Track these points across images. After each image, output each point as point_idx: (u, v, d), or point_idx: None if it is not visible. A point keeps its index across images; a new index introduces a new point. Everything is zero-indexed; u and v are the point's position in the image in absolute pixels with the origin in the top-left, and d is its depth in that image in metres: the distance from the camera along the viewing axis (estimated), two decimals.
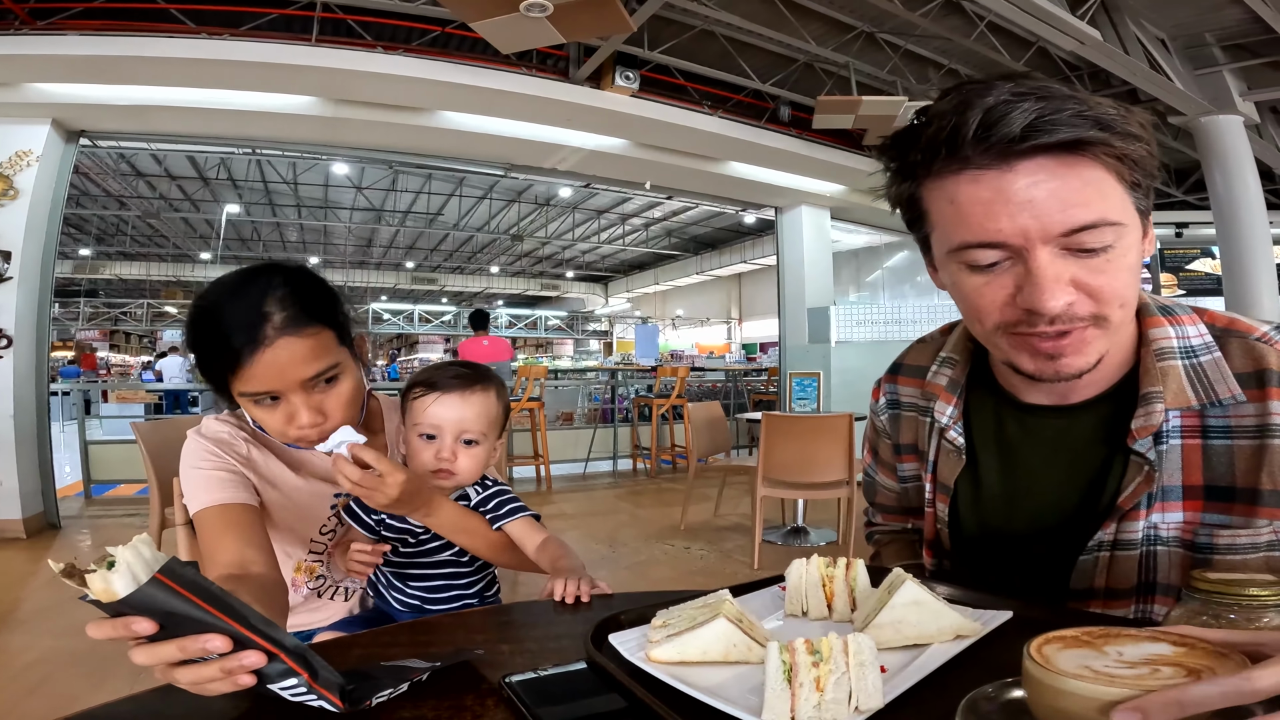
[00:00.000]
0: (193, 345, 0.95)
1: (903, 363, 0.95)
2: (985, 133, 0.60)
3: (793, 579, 0.73)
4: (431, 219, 13.35)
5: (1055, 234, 0.61)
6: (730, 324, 19.33)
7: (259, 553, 0.92)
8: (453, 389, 1.02)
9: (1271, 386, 0.66)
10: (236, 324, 0.90)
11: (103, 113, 4.49)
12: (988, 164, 0.62)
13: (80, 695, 2.18)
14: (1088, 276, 0.63)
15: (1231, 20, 4.49)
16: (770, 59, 5.27)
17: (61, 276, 12.49)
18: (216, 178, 10.61)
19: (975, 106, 0.61)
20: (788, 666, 0.49)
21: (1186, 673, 0.42)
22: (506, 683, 0.57)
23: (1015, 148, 0.60)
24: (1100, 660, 0.44)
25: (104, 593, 0.48)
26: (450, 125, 4.98)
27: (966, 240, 0.65)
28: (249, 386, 0.92)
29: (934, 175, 0.66)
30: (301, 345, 0.92)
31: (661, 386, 7.57)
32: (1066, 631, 0.47)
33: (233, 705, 0.57)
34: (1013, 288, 0.64)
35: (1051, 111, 0.59)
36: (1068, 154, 0.60)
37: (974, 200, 0.63)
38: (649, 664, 0.58)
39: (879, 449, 1.00)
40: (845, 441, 3.50)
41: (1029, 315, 0.64)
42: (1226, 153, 4.99)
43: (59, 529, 4.47)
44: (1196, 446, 0.69)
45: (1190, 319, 0.73)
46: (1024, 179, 0.61)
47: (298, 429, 0.95)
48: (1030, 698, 0.44)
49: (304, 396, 0.94)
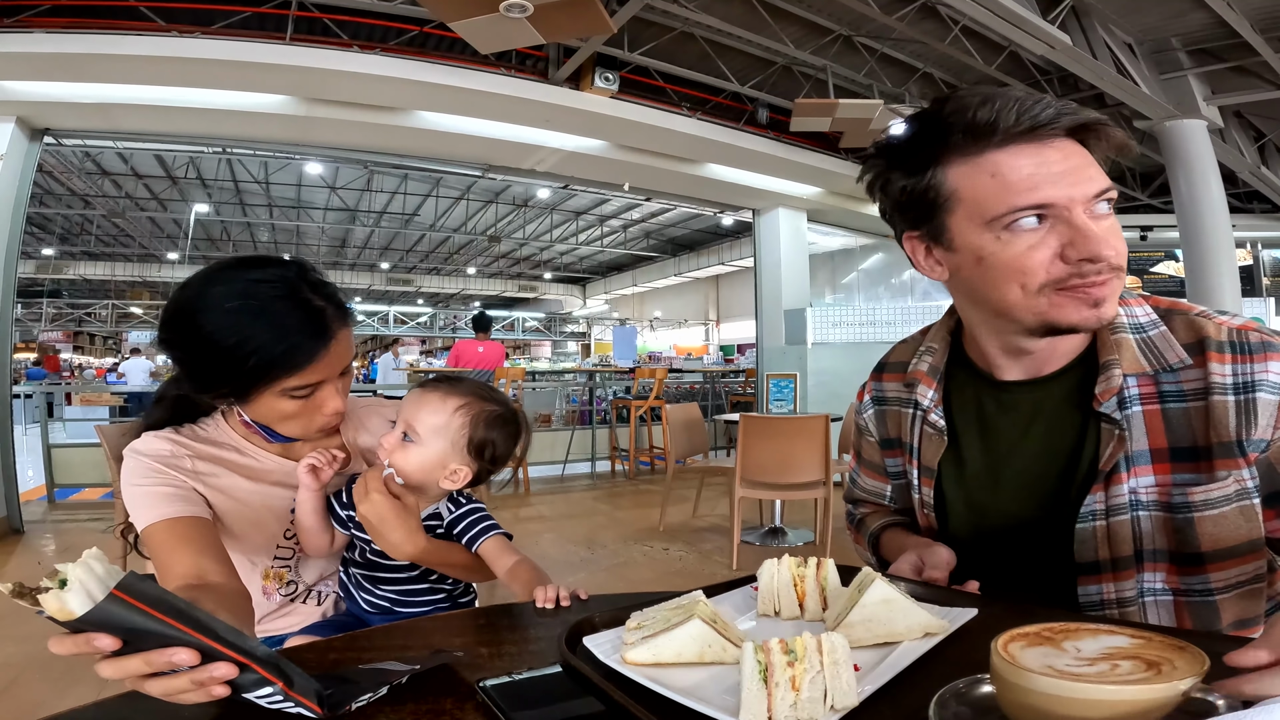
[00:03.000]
0: (212, 355, 0.89)
1: (886, 361, 1.02)
2: (1023, 116, 0.71)
3: (765, 579, 0.74)
4: (407, 219, 13.22)
5: (1089, 197, 0.72)
6: (708, 325, 19.39)
7: (215, 562, 0.89)
8: (423, 385, 1.05)
9: (1210, 351, 0.74)
10: (299, 325, 0.90)
11: (68, 111, 4.38)
12: (1027, 141, 0.72)
13: (46, 701, 2.13)
14: (1107, 233, 0.73)
15: (1197, 24, 4.61)
16: (749, 61, 5.31)
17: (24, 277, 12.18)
18: (185, 177, 10.41)
19: (1002, 98, 0.72)
20: (763, 666, 0.49)
21: (1145, 665, 0.44)
22: (482, 687, 0.57)
23: (1048, 129, 0.71)
24: (1061, 658, 0.46)
25: (60, 612, 0.47)
26: (427, 125, 4.94)
27: (1015, 205, 0.72)
28: (306, 379, 0.93)
29: (966, 156, 0.74)
30: (349, 334, 0.97)
31: (639, 388, 7.58)
32: (1029, 628, 0.49)
33: (201, 711, 0.56)
34: (1057, 245, 0.72)
35: (1067, 104, 0.72)
36: (1084, 133, 0.73)
37: (1018, 171, 0.72)
38: (624, 666, 0.58)
39: (862, 450, 1.04)
40: (822, 442, 3.53)
41: (1081, 265, 0.72)
42: (1190, 157, 5.11)
43: (22, 534, 4.35)
44: (1156, 411, 0.76)
45: (1136, 301, 0.82)
46: (1057, 154, 0.72)
47: (329, 414, 0.98)
48: (999, 694, 0.46)
49: (338, 383, 0.98)
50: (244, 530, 1.04)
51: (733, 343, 16.84)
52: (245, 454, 1.06)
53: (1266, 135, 6.39)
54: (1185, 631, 0.73)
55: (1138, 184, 7.58)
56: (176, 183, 10.70)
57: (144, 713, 0.56)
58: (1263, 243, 8.09)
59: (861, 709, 0.50)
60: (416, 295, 20.15)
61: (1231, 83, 5.08)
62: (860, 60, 5.18)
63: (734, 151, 5.82)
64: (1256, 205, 7.60)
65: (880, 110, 4.90)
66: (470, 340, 6.65)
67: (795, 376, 4.63)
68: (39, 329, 16.62)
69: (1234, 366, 0.73)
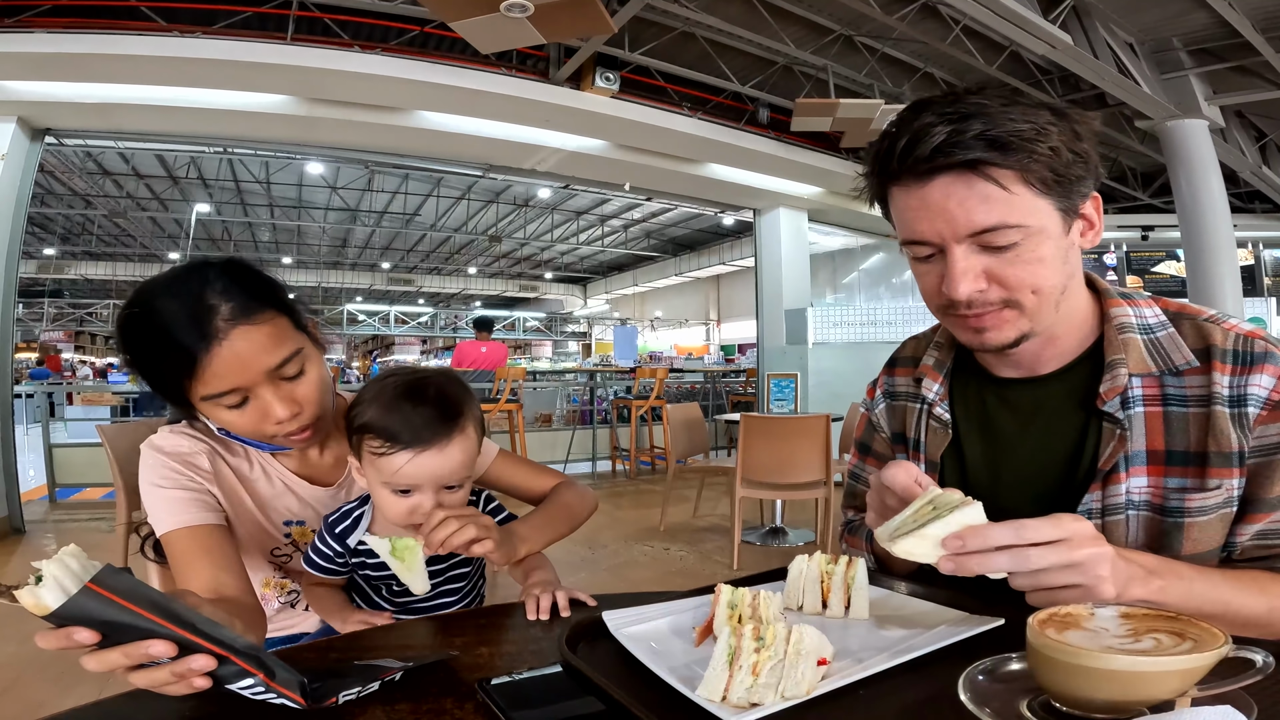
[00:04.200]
0: (133, 357, 0.87)
1: (898, 356, 1.03)
2: (906, 154, 0.73)
3: (793, 573, 0.75)
4: (408, 219, 13.21)
5: (964, 235, 0.73)
6: (709, 325, 19.38)
7: (232, 576, 0.89)
8: (426, 443, 0.88)
9: (1215, 360, 0.75)
10: (180, 323, 0.83)
11: (69, 111, 4.39)
12: (911, 180, 0.74)
13: (48, 701, 2.14)
14: (998, 268, 0.74)
15: (1198, 24, 4.61)
16: (750, 61, 5.30)
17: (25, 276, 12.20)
18: (186, 177, 10.40)
19: (905, 130, 0.73)
20: (732, 649, 0.52)
21: (1177, 637, 0.48)
22: (482, 686, 0.57)
23: (925, 166, 0.72)
24: (1101, 638, 0.49)
25: (35, 606, 0.49)
26: (428, 125, 4.94)
27: (906, 238, 0.78)
28: (211, 388, 0.85)
29: (890, 183, 0.78)
30: (258, 333, 0.86)
31: (640, 388, 7.58)
32: (1049, 612, 0.52)
33: (200, 708, 0.56)
34: (940, 277, 0.76)
35: (956, 136, 0.70)
36: (970, 170, 0.71)
37: (906, 207, 0.76)
38: (625, 638, 0.61)
39: (873, 444, 1.03)
40: (822, 442, 3.53)
41: (951, 300, 0.76)
42: (1191, 156, 5.10)
43: (23, 533, 4.35)
44: (1158, 414, 0.77)
45: (1146, 303, 0.83)
46: (938, 191, 0.73)
47: (275, 425, 0.90)
48: (1046, 674, 0.48)
49: (273, 389, 0.88)
50: (248, 533, 1.03)
51: (733, 342, 16.83)
52: (252, 458, 1.04)
53: (1268, 135, 6.38)
54: None
55: (1139, 184, 7.57)
56: (178, 183, 10.69)
57: (144, 713, 0.56)
58: (1264, 242, 8.08)
59: (829, 699, 0.52)
60: (417, 295, 20.14)
61: (1233, 82, 5.08)
62: (861, 60, 5.18)
63: (735, 151, 5.81)
64: (1258, 205, 7.60)
65: (881, 110, 4.89)
66: (472, 341, 6.70)
67: (796, 376, 4.63)
68: (40, 329, 16.63)
69: (1233, 379, 0.74)
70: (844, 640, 0.64)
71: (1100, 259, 8.25)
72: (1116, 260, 8.21)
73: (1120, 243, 8.16)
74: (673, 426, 4.23)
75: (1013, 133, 0.69)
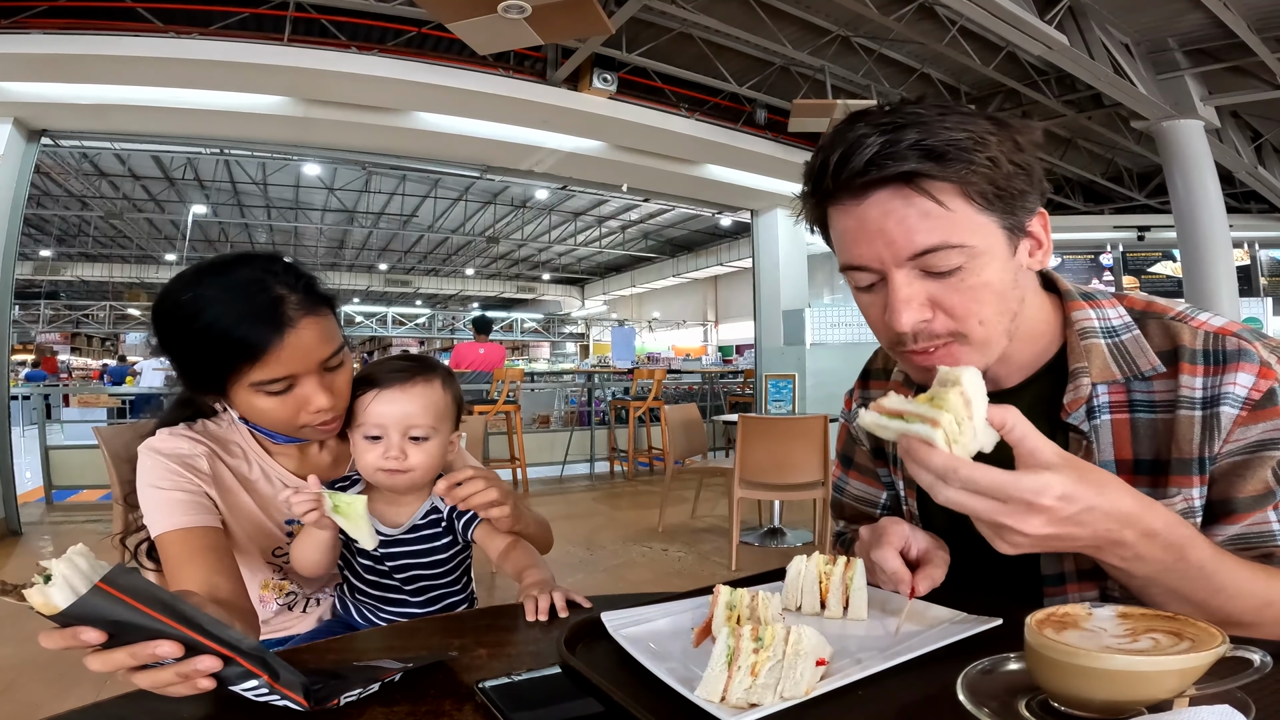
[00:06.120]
0: (185, 343, 0.90)
1: (870, 368, 1.00)
2: (839, 169, 0.67)
3: (791, 574, 0.75)
4: (406, 220, 13.19)
5: (905, 257, 0.67)
6: (706, 326, 19.38)
7: (227, 579, 0.89)
8: (393, 383, 0.98)
9: (1183, 361, 0.71)
10: (253, 310, 0.87)
11: (65, 112, 4.38)
12: (848, 198, 0.68)
13: (44, 703, 2.13)
14: (943, 295, 0.68)
15: (1194, 25, 4.62)
16: (747, 62, 5.31)
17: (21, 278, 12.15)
18: (182, 178, 10.38)
19: (839, 143, 0.67)
20: (731, 650, 0.52)
21: (1175, 637, 0.48)
22: (481, 688, 0.57)
23: (859, 181, 0.66)
24: (1099, 638, 0.49)
25: (44, 606, 0.49)
26: (426, 126, 4.94)
27: (845, 263, 0.72)
28: (269, 373, 0.88)
29: (827, 203, 0.72)
30: (320, 325, 0.92)
31: (638, 389, 7.57)
32: (1047, 611, 0.52)
33: (199, 710, 0.56)
34: (883, 308, 0.70)
35: (890, 146, 0.64)
36: (906, 184, 0.66)
37: (844, 230, 0.70)
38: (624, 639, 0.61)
39: (855, 456, 1.01)
40: (820, 443, 3.53)
41: (897, 334, 0.69)
42: (1187, 156, 5.11)
43: (20, 535, 4.34)
44: (1125, 421, 0.73)
45: (1110, 302, 0.78)
46: (876, 209, 0.67)
47: (314, 413, 0.93)
48: (1045, 675, 0.48)
49: (319, 379, 0.93)
50: (246, 535, 1.04)
51: (731, 343, 16.84)
52: (251, 459, 1.05)
53: (1263, 135, 6.40)
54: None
55: (1135, 184, 7.59)
56: (174, 184, 10.68)
57: (144, 713, 0.56)
58: (1260, 242, 8.10)
59: (825, 700, 0.52)
60: (415, 296, 20.12)
61: (1228, 83, 5.09)
62: (858, 61, 5.18)
63: (732, 152, 5.82)
64: (1254, 205, 7.61)
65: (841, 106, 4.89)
66: (470, 342, 6.69)
67: (794, 377, 4.63)
68: (36, 330, 16.57)
69: (1205, 380, 0.69)
70: (842, 641, 0.64)
71: (1096, 259, 8.27)
72: (1113, 260, 8.24)
73: (1116, 243, 8.18)
74: (671, 427, 4.23)
75: (949, 141, 0.64)
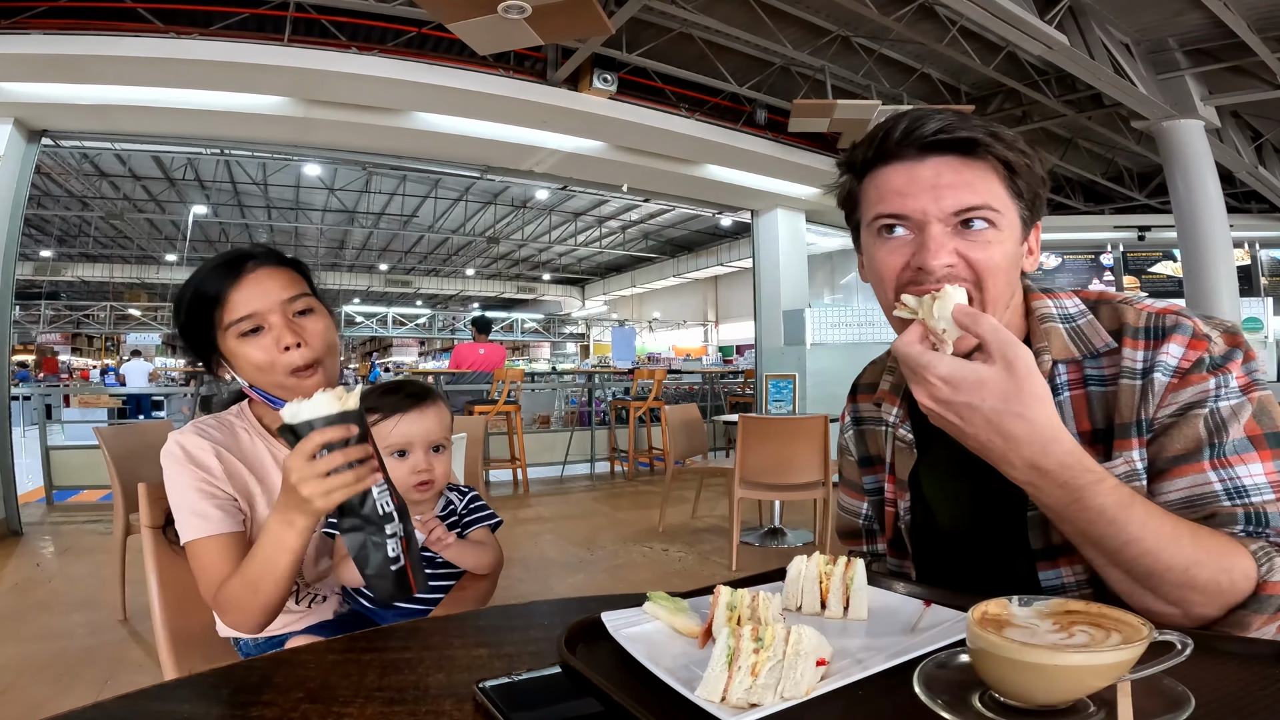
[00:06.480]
0: (179, 314, 1.07)
1: (859, 383, 1.06)
2: (906, 133, 0.78)
3: (791, 574, 0.75)
4: (406, 221, 13.20)
5: (947, 212, 0.76)
6: (707, 326, 19.39)
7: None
8: (411, 407, 1.12)
9: (1126, 336, 0.79)
10: (220, 271, 1.05)
11: (66, 112, 4.38)
12: (906, 156, 0.78)
13: (45, 703, 2.12)
14: (969, 250, 0.76)
15: (1194, 25, 4.62)
16: (747, 62, 5.31)
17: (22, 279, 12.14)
18: (183, 178, 10.39)
19: (903, 117, 0.79)
20: (731, 650, 0.52)
21: (1097, 628, 0.50)
22: (481, 688, 0.57)
23: (926, 141, 0.77)
24: (1029, 634, 0.51)
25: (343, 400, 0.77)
26: (426, 126, 4.94)
27: (879, 211, 0.80)
28: (234, 313, 1.03)
29: (871, 169, 0.82)
30: (279, 273, 1.07)
31: (638, 389, 7.58)
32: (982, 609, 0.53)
33: (199, 710, 0.56)
34: (909, 254, 0.78)
35: (961, 121, 0.77)
36: (965, 155, 0.76)
37: (891, 183, 0.79)
38: (624, 639, 0.61)
39: (844, 469, 1.07)
40: (821, 443, 3.53)
41: (919, 274, 0.77)
42: (1188, 156, 5.11)
43: (21, 535, 4.34)
44: (1081, 395, 0.80)
45: (1067, 295, 0.87)
46: (930, 169, 0.77)
47: (284, 352, 1.03)
48: (987, 669, 0.50)
49: (284, 319, 1.05)
50: (256, 525, 1.07)
51: (731, 343, 16.85)
52: (259, 455, 1.11)
53: (1264, 135, 6.40)
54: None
55: (1135, 184, 7.59)
56: (174, 184, 10.68)
57: (144, 714, 0.56)
58: (1260, 242, 8.11)
59: (822, 701, 0.52)
60: (415, 297, 20.13)
61: (1229, 83, 5.09)
62: (858, 61, 5.18)
63: (732, 152, 5.82)
64: (1254, 205, 7.62)
65: (878, 110, 4.90)
66: (470, 342, 6.70)
67: (794, 377, 4.63)
68: (37, 331, 16.57)
69: (1145, 353, 0.77)
70: (843, 641, 0.64)
71: (1097, 259, 8.27)
72: (1113, 260, 8.23)
73: (1117, 243, 8.18)
74: (671, 427, 4.23)
75: (1002, 134, 0.77)
